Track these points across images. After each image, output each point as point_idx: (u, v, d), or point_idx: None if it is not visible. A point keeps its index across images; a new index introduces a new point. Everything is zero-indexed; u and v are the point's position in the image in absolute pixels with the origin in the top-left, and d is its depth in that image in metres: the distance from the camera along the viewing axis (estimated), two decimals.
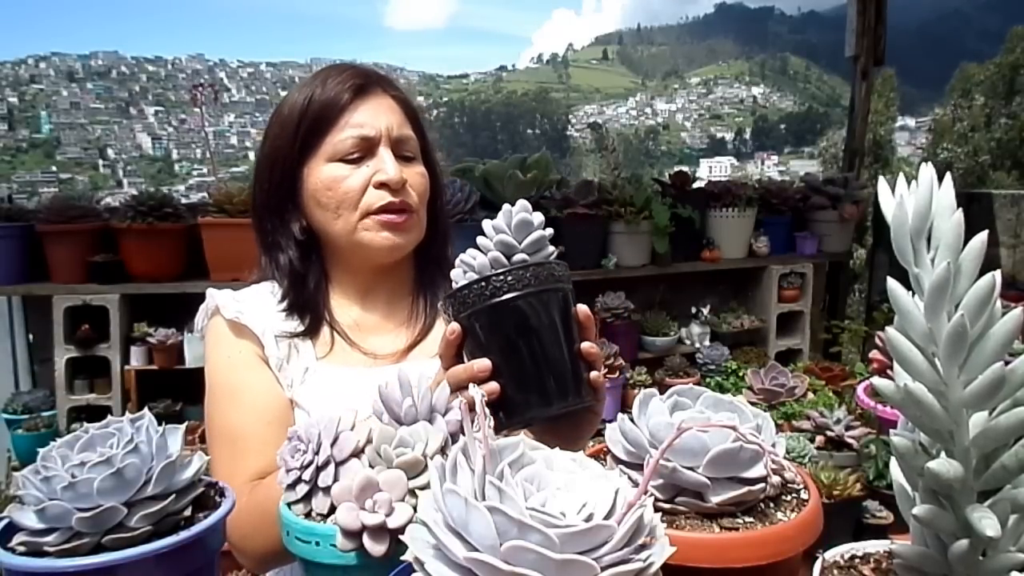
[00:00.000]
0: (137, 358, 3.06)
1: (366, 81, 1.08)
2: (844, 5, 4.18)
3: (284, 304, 1.08)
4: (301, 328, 1.07)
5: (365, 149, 1.05)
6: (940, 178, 0.51)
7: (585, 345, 0.78)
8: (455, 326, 0.78)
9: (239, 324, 1.06)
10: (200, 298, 1.13)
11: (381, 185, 1.04)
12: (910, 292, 0.51)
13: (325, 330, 1.09)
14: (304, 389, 1.05)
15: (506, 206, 0.79)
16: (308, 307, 1.09)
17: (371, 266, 1.11)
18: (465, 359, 0.80)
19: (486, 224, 0.80)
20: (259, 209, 1.12)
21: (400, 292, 1.16)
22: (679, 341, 3.70)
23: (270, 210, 1.10)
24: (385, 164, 1.04)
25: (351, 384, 1.03)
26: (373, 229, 1.05)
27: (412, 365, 1.05)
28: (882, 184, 0.53)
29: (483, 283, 0.75)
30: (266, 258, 1.12)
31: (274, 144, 1.08)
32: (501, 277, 0.74)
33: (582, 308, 0.79)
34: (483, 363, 0.76)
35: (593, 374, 0.79)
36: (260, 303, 1.09)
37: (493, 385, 0.76)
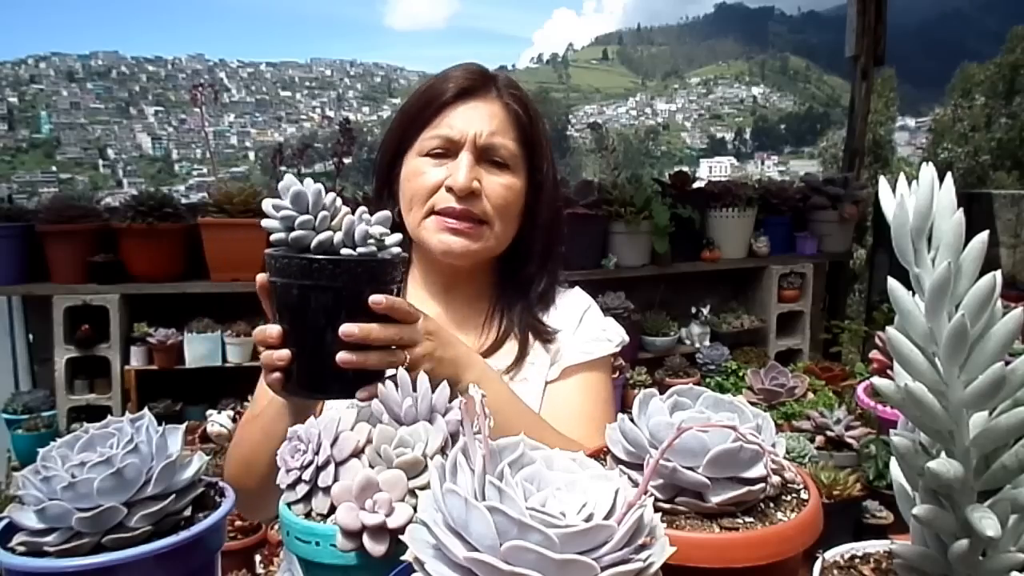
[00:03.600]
0: (137, 358, 3.06)
1: (475, 83, 1.08)
2: (844, 5, 4.19)
3: None
4: None
5: (448, 150, 1.06)
6: (940, 178, 0.51)
7: (344, 328, 0.75)
8: (263, 280, 0.81)
9: None
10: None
11: (450, 189, 1.04)
12: (910, 292, 0.51)
13: None
14: None
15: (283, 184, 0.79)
16: None
17: (442, 266, 1.12)
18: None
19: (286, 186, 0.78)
20: (376, 187, 1.17)
21: (478, 301, 1.16)
22: (679, 341, 3.70)
23: (378, 191, 1.16)
24: (459, 169, 1.04)
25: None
26: (431, 229, 1.06)
27: None
28: (883, 184, 0.53)
29: (285, 259, 0.76)
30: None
31: (389, 130, 1.14)
32: (298, 261, 0.75)
33: (375, 298, 0.77)
34: (274, 329, 0.79)
35: (345, 359, 0.76)
36: None
37: (283, 352, 0.78)
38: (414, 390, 0.75)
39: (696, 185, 3.77)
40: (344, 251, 0.75)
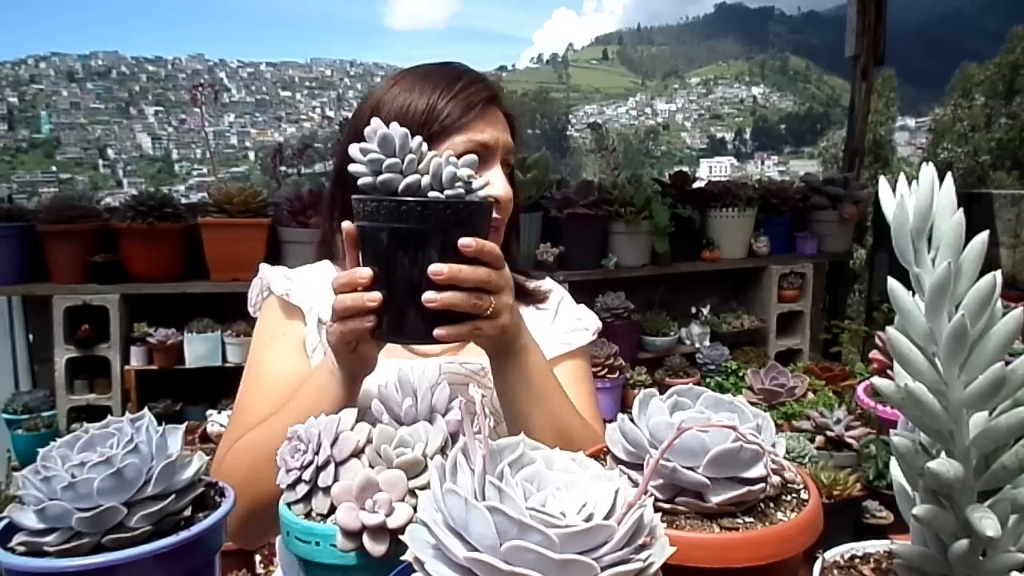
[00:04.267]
0: (137, 358, 3.06)
1: (495, 93, 1.06)
2: (844, 5, 4.19)
3: None
4: None
5: (481, 155, 1.02)
6: (940, 178, 0.51)
7: (432, 268, 0.75)
8: (350, 227, 0.80)
9: (287, 303, 1.06)
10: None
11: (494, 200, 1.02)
12: (910, 292, 0.51)
13: None
14: None
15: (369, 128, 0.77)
16: None
17: None
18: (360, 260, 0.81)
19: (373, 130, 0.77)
20: (335, 189, 1.09)
21: None
22: (679, 341, 3.70)
23: (343, 214, 1.09)
24: (498, 178, 1.02)
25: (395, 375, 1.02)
26: None
27: (453, 360, 1.04)
28: (883, 184, 0.53)
29: (373, 203, 0.75)
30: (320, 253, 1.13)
31: (410, 121, 1.06)
32: (387, 204, 0.74)
33: (464, 241, 0.76)
34: (365, 272, 0.78)
35: (430, 298, 0.75)
36: (313, 282, 1.08)
37: (375, 294, 0.77)
38: (414, 390, 0.75)
39: (696, 185, 3.77)
40: (432, 194, 0.75)
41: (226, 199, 2.96)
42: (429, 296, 0.75)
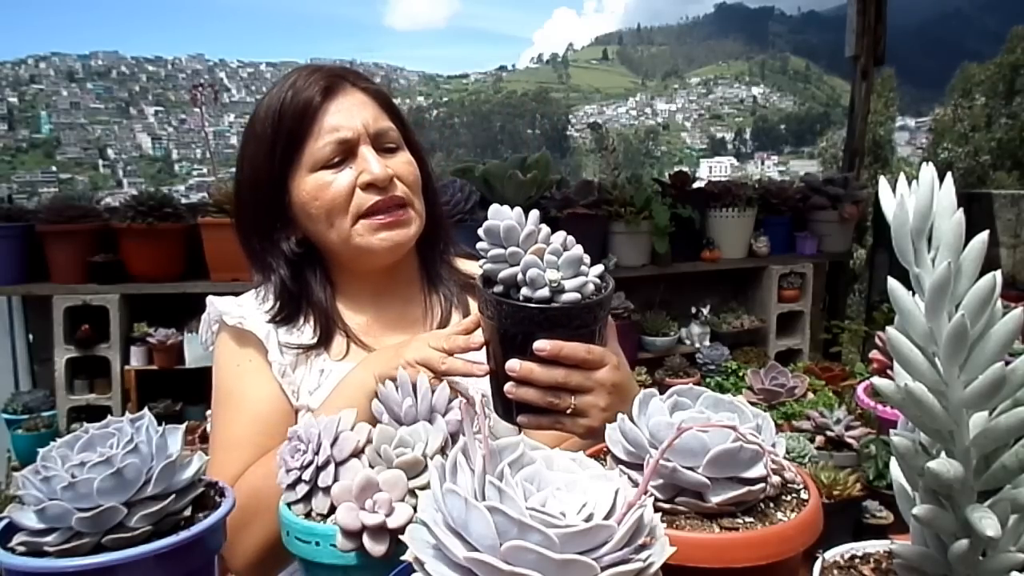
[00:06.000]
0: (137, 358, 3.06)
1: (332, 81, 1.04)
2: (844, 5, 4.19)
3: (283, 315, 1.06)
4: (313, 340, 1.05)
5: (345, 152, 1.01)
6: (940, 178, 0.51)
7: (509, 364, 0.80)
8: (480, 322, 0.86)
9: (242, 331, 1.04)
10: (200, 299, 1.12)
11: (368, 186, 1.00)
12: (910, 292, 0.51)
13: (339, 338, 1.07)
14: (321, 393, 1.02)
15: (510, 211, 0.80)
16: (317, 319, 1.06)
17: (376, 268, 1.08)
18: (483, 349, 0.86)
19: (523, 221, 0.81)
20: (245, 231, 1.09)
21: (411, 288, 1.14)
22: (679, 341, 3.70)
23: (258, 232, 1.07)
24: (368, 163, 1.00)
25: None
26: (368, 233, 1.01)
27: None
28: (883, 184, 0.53)
29: (533, 310, 0.77)
30: (259, 276, 1.10)
31: (252, 164, 1.05)
32: (489, 298, 0.79)
33: (539, 345, 0.79)
34: (477, 338, 0.85)
35: (509, 390, 0.81)
36: (262, 308, 1.07)
37: (481, 365, 0.84)
38: (414, 390, 0.75)
39: (696, 185, 3.77)
40: (524, 291, 0.78)
41: (226, 199, 2.96)
42: (509, 388, 0.80)
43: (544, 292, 0.76)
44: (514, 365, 0.79)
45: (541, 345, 0.78)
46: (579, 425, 0.83)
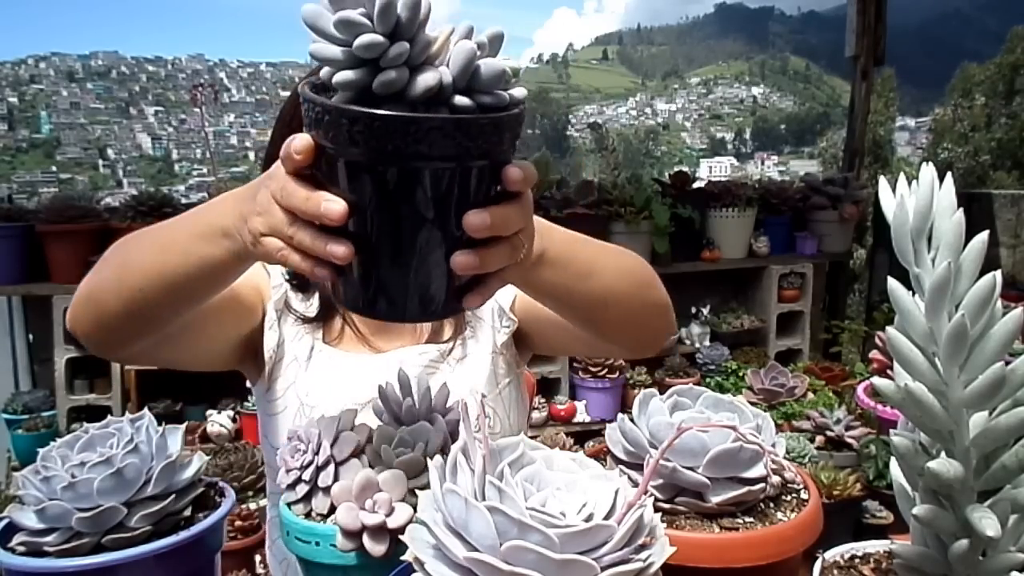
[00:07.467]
0: None
1: None
2: (844, 5, 4.18)
3: (297, 280, 1.06)
4: (312, 313, 1.05)
5: None
6: (940, 178, 0.51)
7: (473, 219, 0.51)
8: (308, 142, 0.51)
9: (265, 271, 1.03)
10: None
11: None
12: (910, 292, 0.51)
13: (337, 321, 1.07)
14: (307, 376, 1.01)
15: None
16: (322, 298, 1.06)
17: None
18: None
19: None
20: None
21: None
22: (679, 341, 3.70)
23: None
24: None
25: (353, 370, 1.01)
26: None
27: (410, 352, 1.03)
28: (883, 184, 0.53)
29: (368, 119, 0.47)
30: None
31: (274, 143, 1.03)
32: (394, 120, 0.47)
33: (512, 171, 0.53)
34: (337, 204, 0.50)
35: (468, 263, 0.53)
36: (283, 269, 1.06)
37: (342, 248, 0.51)
38: (414, 390, 0.75)
39: (696, 185, 3.77)
40: (459, 100, 0.49)
41: None
42: (465, 260, 0.52)
43: (502, 94, 0.51)
44: (481, 219, 0.51)
45: (517, 173, 0.53)
46: (523, 268, 0.61)
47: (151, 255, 0.72)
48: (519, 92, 0.53)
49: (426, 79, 0.47)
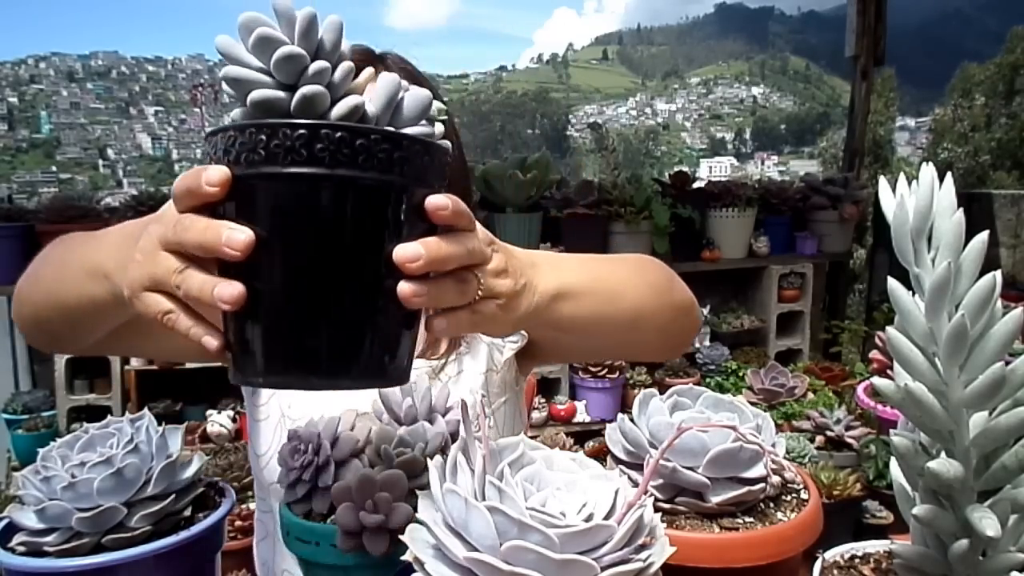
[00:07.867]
0: (137, 358, 3.06)
1: (372, 61, 0.99)
2: (844, 5, 4.18)
3: None
4: None
5: None
6: (940, 178, 0.51)
7: (405, 251, 0.45)
8: (225, 172, 0.44)
9: None
10: None
11: None
12: (910, 292, 0.51)
13: None
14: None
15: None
16: None
17: None
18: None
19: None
20: None
21: None
22: None
23: None
24: None
25: None
26: None
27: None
28: (883, 184, 0.53)
29: (289, 133, 0.42)
30: None
31: None
32: (327, 137, 0.42)
33: (436, 200, 0.47)
34: (244, 235, 0.43)
35: (414, 292, 0.46)
36: None
37: (236, 287, 0.44)
38: (414, 390, 0.75)
39: (696, 185, 3.77)
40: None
41: None
42: (411, 290, 0.45)
43: (427, 128, 0.49)
44: (416, 249, 0.45)
45: (441, 201, 0.46)
46: (495, 309, 0.53)
47: (49, 281, 0.69)
48: (440, 129, 0.50)
49: (348, 101, 0.44)
